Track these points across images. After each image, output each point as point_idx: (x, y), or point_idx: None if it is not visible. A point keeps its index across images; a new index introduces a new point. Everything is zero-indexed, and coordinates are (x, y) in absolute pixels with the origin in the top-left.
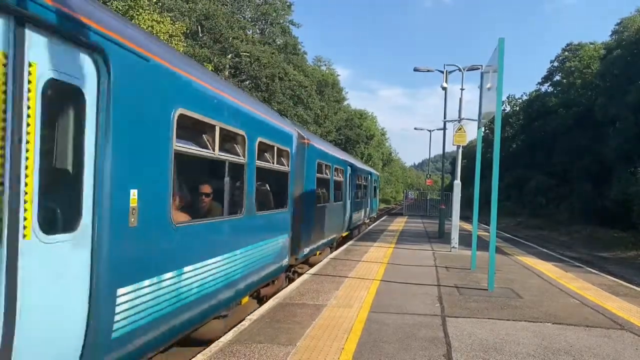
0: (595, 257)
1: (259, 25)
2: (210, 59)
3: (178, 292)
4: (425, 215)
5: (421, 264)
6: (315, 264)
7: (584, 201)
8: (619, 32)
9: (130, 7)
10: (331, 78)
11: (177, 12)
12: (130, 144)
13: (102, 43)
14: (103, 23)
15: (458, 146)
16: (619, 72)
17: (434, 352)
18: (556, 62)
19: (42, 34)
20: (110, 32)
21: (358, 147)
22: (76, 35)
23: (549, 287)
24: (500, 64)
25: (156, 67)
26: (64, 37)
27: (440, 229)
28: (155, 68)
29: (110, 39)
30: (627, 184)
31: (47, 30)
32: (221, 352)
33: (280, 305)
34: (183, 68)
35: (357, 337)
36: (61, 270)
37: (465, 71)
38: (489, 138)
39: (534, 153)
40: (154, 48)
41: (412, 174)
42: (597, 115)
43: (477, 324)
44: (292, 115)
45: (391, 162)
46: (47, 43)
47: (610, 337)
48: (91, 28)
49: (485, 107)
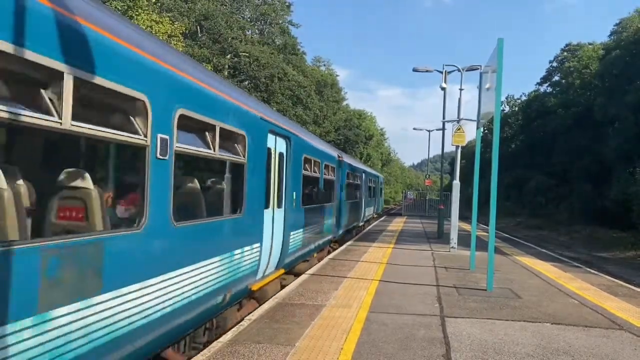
0: (594, 257)
1: (258, 26)
2: (210, 59)
3: (300, 242)
4: (424, 216)
5: (420, 264)
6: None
7: (584, 201)
8: (618, 33)
9: (129, 7)
10: (330, 78)
11: (176, 12)
12: (292, 175)
13: (289, 135)
14: (290, 125)
15: (457, 146)
16: (618, 73)
17: (433, 352)
18: (555, 62)
19: (276, 136)
20: (290, 129)
21: (357, 147)
22: (283, 135)
23: (548, 287)
24: (499, 64)
25: (297, 139)
26: (281, 136)
27: (439, 229)
28: (297, 139)
29: (290, 133)
30: (627, 184)
31: (277, 135)
32: (220, 352)
33: (279, 305)
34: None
35: (356, 337)
36: (279, 219)
37: (464, 71)
38: (488, 138)
39: (533, 153)
40: (298, 131)
41: (411, 174)
42: (597, 116)
43: (476, 324)
44: (292, 115)
45: (390, 162)
46: (277, 139)
47: (609, 337)
48: (286, 130)
49: (485, 107)
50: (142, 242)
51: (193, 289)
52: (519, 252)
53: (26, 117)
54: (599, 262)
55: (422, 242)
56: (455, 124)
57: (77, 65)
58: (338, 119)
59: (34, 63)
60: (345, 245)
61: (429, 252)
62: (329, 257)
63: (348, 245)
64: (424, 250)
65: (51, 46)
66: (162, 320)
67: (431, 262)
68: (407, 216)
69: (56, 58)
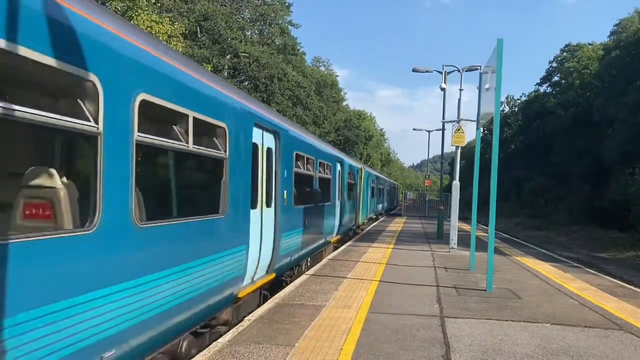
0: (593, 258)
1: (257, 26)
2: (209, 60)
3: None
4: (424, 216)
5: (420, 264)
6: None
7: (583, 202)
8: (618, 33)
9: (129, 7)
10: (330, 78)
11: (176, 13)
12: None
13: (278, 129)
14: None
15: (457, 147)
16: (617, 73)
17: (432, 353)
18: (555, 62)
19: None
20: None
21: (357, 147)
22: (272, 129)
23: (547, 287)
24: (499, 65)
25: (287, 135)
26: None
27: (439, 230)
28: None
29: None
30: (626, 185)
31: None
32: (220, 352)
33: (279, 305)
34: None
35: (356, 337)
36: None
37: (464, 72)
38: (488, 139)
39: (533, 154)
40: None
41: (411, 174)
42: (596, 116)
43: (476, 324)
44: (291, 115)
45: (390, 162)
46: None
47: (609, 337)
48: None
49: (484, 108)
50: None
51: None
52: (518, 252)
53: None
54: (598, 262)
55: (422, 243)
56: (454, 124)
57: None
58: (338, 120)
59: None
60: (345, 246)
61: (428, 252)
62: (329, 257)
63: (348, 245)
64: (424, 251)
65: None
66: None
67: (431, 262)
68: (407, 217)
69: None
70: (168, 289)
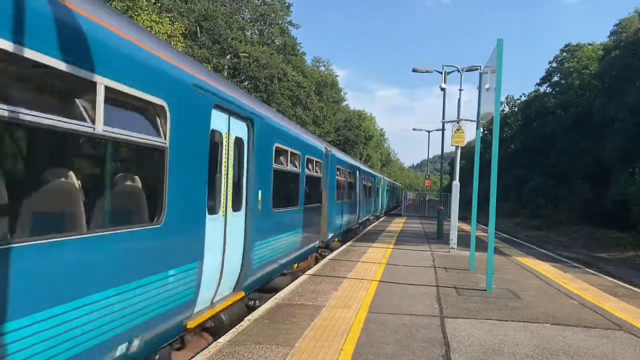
0: (593, 258)
1: (257, 26)
2: (209, 60)
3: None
4: (424, 216)
5: (420, 264)
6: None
7: (583, 202)
8: (618, 33)
9: (129, 7)
10: (330, 79)
11: (176, 13)
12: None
13: (252, 116)
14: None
15: (457, 147)
16: (617, 73)
17: (432, 353)
18: (555, 62)
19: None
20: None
21: (357, 147)
22: (243, 115)
23: (547, 287)
24: (499, 65)
25: (264, 123)
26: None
27: (439, 230)
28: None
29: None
30: (626, 185)
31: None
32: (220, 352)
33: (278, 306)
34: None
35: (356, 337)
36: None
37: (463, 72)
38: (488, 139)
39: (533, 154)
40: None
41: (411, 174)
42: (596, 116)
43: (476, 324)
44: (291, 115)
45: (390, 162)
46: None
47: (609, 337)
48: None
49: (484, 108)
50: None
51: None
52: (518, 252)
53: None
54: (598, 262)
55: (422, 243)
56: (454, 124)
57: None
58: (338, 120)
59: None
60: (345, 246)
61: (428, 252)
62: (329, 257)
63: (348, 245)
64: (424, 251)
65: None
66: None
67: (431, 262)
68: (407, 217)
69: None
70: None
